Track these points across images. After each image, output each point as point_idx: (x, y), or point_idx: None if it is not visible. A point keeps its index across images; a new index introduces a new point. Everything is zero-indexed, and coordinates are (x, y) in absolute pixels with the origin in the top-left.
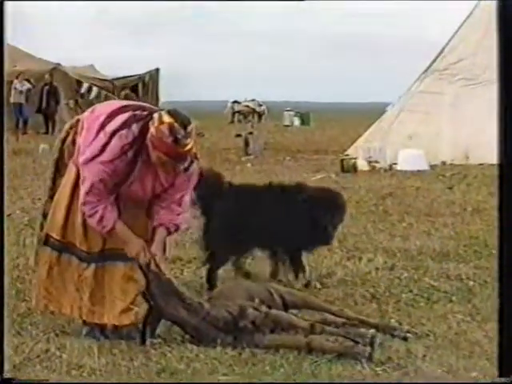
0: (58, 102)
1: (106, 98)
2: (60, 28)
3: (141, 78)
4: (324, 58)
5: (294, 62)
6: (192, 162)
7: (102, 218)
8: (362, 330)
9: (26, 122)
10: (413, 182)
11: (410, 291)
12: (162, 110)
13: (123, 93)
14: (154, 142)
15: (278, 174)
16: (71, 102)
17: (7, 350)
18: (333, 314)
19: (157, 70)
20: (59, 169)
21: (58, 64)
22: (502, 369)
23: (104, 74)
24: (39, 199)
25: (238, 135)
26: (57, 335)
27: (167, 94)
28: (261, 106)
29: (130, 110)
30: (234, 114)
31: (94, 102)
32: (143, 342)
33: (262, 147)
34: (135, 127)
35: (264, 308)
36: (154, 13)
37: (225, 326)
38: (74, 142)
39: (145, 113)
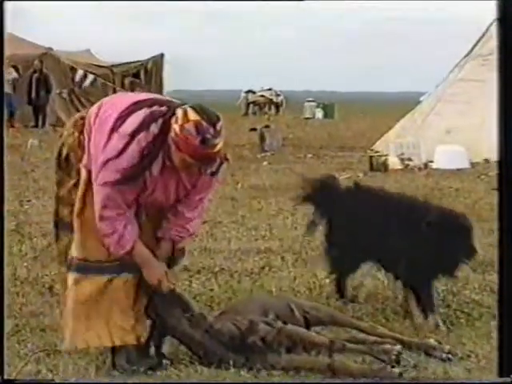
0: (49, 92)
1: (103, 87)
2: (57, 13)
3: (143, 64)
4: (349, 45)
5: (316, 48)
6: (221, 163)
7: (120, 238)
8: (387, 346)
9: (12, 114)
10: (451, 183)
11: (448, 306)
12: (183, 104)
13: (127, 80)
14: (178, 142)
15: (298, 173)
16: (65, 92)
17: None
18: (362, 331)
19: (161, 55)
20: (65, 173)
21: (50, 48)
22: (501, 369)
23: (102, 59)
24: (28, 201)
25: (253, 129)
26: (48, 355)
27: (173, 82)
28: (278, 95)
29: (144, 107)
30: (248, 105)
31: (99, 95)
32: (148, 364)
33: (280, 143)
34: (154, 127)
35: (279, 323)
36: None
37: (231, 342)
38: (79, 143)
39: (163, 108)
